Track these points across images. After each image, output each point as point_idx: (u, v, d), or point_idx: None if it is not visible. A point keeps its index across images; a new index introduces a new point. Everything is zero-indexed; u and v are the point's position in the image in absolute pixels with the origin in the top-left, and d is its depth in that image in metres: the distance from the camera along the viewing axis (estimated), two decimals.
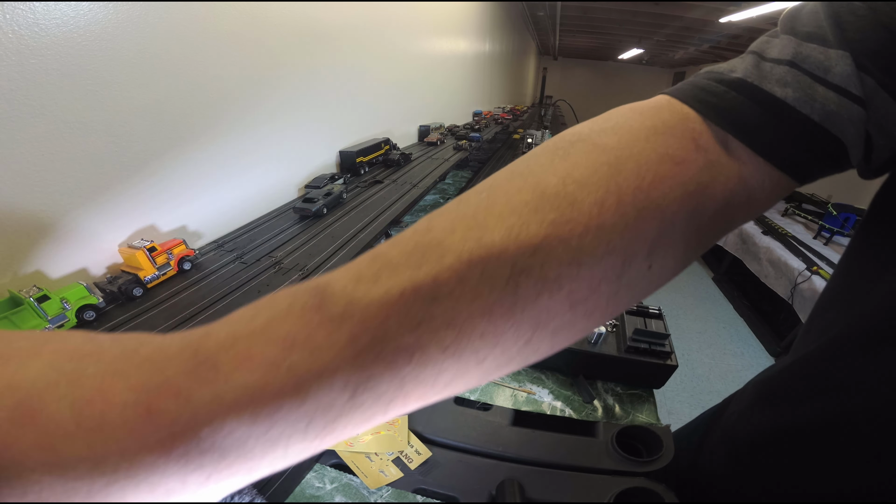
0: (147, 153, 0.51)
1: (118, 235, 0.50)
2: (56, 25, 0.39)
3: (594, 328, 0.18)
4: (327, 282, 0.14)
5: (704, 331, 2.40)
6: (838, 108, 0.17)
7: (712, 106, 0.19)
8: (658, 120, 0.18)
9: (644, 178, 0.16)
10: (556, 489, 0.44)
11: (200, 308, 0.45)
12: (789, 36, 0.19)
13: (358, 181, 0.92)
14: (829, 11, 0.18)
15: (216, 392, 0.11)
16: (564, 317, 0.15)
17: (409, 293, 0.13)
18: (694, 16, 3.38)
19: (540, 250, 0.14)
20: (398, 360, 0.13)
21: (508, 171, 0.17)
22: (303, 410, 0.12)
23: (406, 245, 0.14)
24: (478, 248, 0.14)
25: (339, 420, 0.12)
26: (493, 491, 0.44)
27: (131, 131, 0.49)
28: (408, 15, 1.23)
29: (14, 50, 0.36)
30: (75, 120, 0.43)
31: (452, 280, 0.13)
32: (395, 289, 0.13)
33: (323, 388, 0.12)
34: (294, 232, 0.65)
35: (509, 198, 0.15)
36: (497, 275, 0.14)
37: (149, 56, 0.49)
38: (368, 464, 0.47)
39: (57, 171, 0.42)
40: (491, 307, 0.13)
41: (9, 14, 0.35)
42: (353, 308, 0.13)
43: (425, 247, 0.14)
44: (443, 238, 0.14)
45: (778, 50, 0.19)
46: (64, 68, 0.41)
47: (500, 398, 0.58)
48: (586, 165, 0.16)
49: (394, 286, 0.13)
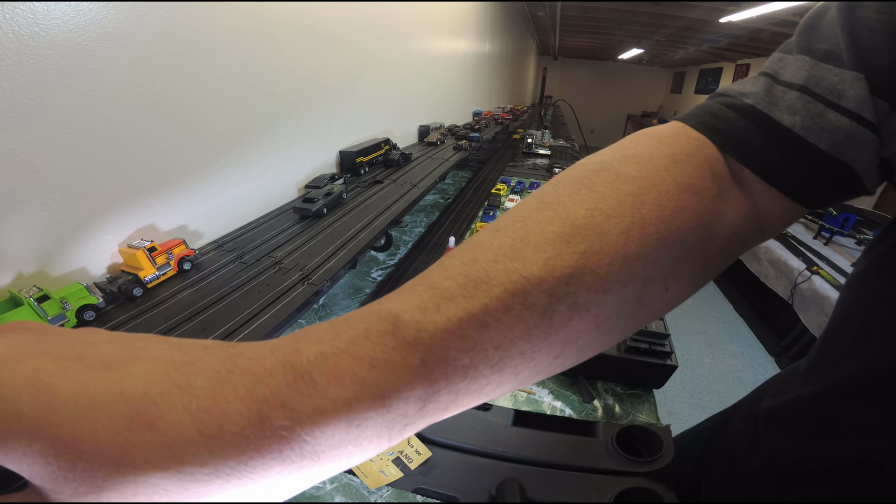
0: (147, 153, 0.51)
1: (118, 235, 0.50)
2: (56, 25, 0.39)
3: (614, 343, 0.19)
4: (396, 311, 0.15)
5: (704, 331, 2.40)
6: (847, 137, 0.17)
7: (723, 133, 0.20)
8: (676, 148, 0.20)
9: (665, 208, 0.17)
10: (556, 489, 0.44)
11: (200, 308, 0.45)
12: (804, 56, 0.19)
13: (358, 181, 0.92)
14: (846, 24, 0.18)
15: (317, 405, 0.13)
16: (590, 335, 0.17)
17: (465, 321, 0.15)
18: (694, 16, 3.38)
19: (573, 279, 0.16)
20: (456, 377, 0.15)
21: (538, 201, 0.19)
22: (385, 420, 0.14)
23: (458, 276, 0.16)
24: (520, 280, 0.16)
25: (409, 426, 0.15)
26: (493, 491, 0.44)
27: (131, 131, 0.49)
28: (408, 15, 1.23)
29: (14, 50, 0.36)
30: (75, 120, 0.43)
31: (500, 309, 0.15)
32: (454, 318, 0.15)
33: (401, 402, 0.14)
34: (294, 232, 0.65)
35: (542, 229, 0.17)
36: (537, 303, 0.16)
37: (149, 56, 0.49)
38: (368, 464, 0.47)
39: (56, 170, 0.42)
40: (531, 331, 0.16)
41: (9, 14, 0.35)
42: (422, 335, 0.15)
43: (475, 279, 0.16)
44: (488, 269, 0.16)
45: (792, 72, 0.19)
46: (64, 68, 0.41)
47: (500, 398, 0.58)
48: (611, 196, 0.18)
49: (453, 315, 0.15)
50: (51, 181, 0.42)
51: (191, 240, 0.60)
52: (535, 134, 2.36)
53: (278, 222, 0.69)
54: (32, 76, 0.38)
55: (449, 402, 0.15)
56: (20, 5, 0.36)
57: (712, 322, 2.48)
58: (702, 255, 0.18)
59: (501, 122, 2.25)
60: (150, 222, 0.54)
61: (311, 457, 0.13)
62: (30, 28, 0.37)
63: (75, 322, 0.41)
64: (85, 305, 0.42)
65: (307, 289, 0.49)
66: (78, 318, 0.41)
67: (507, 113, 2.67)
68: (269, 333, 0.42)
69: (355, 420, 0.13)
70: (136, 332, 0.15)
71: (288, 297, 0.47)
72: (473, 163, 1.87)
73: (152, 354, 0.13)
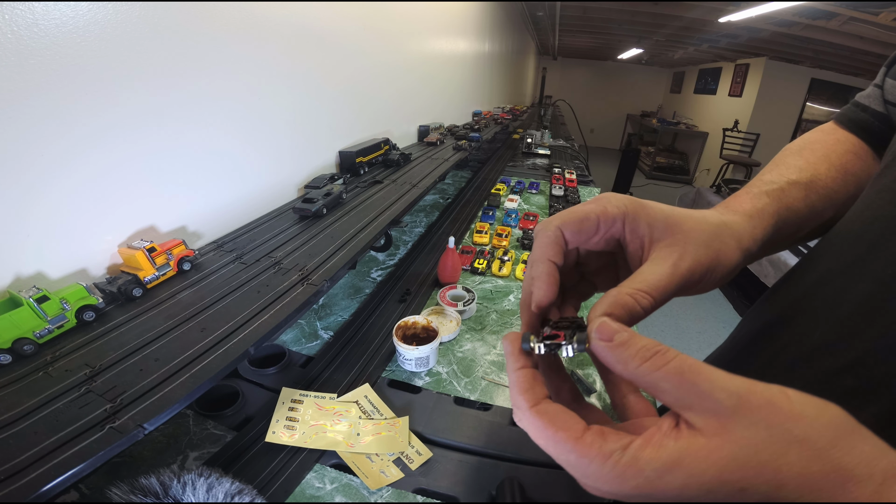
0: (146, 153, 0.51)
1: (118, 236, 0.50)
2: (56, 25, 0.39)
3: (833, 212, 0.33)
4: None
5: (704, 331, 2.40)
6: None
7: (854, 123, 0.37)
8: (837, 134, 0.37)
9: (839, 159, 0.34)
10: (557, 489, 0.44)
11: (200, 308, 0.45)
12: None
13: (357, 181, 0.92)
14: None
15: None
16: (824, 205, 0.33)
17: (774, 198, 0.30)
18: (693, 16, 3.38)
19: (811, 181, 0.32)
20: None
21: (778, 158, 0.36)
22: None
23: (759, 184, 0.32)
24: (789, 180, 0.31)
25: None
26: (493, 491, 0.44)
27: (131, 131, 0.49)
28: (407, 15, 1.23)
29: (13, 50, 0.36)
30: (74, 120, 0.43)
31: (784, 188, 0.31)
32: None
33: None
34: (294, 232, 0.65)
35: (789, 164, 0.34)
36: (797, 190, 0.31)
37: (149, 56, 0.49)
38: (369, 464, 0.47)
39: (55, 170, 0.42)
40: (802, 200, 0.31)
41: (8, 14, 0.35)
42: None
43: (769, 181, 0.31)
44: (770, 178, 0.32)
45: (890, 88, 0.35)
46: (64, 68, 0.40)
47: (500, 398, 0.58)
48: (814, 157, 0.34)
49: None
50: (50, 181, 0.42)
51: (190, 240, 0.60)
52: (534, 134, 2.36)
53: (278, 222, 0.69)
54: (32, 76, 0.38)
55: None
56: (20, 5, 0.36)
57: (712, 322, 2.48)
58: (855, 180, 0.34)
59: (501, 122, 2.25)
60: (150, 223, 0.54)
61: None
62: (29, 28, 0.37)
63: (75, 322, 0.41)
64: (85, 306, 0.42)
65: (307, 289, 0.49)
66: (78, 319, 0.41)
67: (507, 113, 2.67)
68: (269, 333, 0.42)
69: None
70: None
71: (287, 298, 0.47)
72: (473, 163, 1.87)
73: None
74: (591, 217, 0.23)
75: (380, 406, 0.54)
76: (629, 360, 0.16)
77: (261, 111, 0.69)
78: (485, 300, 0.82)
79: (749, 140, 4.93)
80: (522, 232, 1.14)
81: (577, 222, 0.23)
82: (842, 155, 0.34)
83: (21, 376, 0.36)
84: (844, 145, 0.36)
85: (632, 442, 0.16)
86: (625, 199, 0.23)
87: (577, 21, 4.36)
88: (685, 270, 0.21)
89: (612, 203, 0.23)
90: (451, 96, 1.91)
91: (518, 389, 0.19)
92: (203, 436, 0.49)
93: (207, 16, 0.56)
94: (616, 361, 0.17)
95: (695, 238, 0.22)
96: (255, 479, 0.44)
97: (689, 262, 0.21)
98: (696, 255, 0.21)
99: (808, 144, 0.36)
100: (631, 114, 8.17)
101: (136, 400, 0.33)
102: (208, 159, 0.61)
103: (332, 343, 0.67)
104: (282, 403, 0.53)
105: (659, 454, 0.15)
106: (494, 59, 2.98)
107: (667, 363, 0.16)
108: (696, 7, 3.20)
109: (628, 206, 0.23)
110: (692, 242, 0.22)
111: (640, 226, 0.22)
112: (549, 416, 0.17)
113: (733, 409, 0.14)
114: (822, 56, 3.79)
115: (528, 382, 0.19)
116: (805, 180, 0.31)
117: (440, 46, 1.61)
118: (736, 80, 5.42)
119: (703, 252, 0.21)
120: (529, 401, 0.18)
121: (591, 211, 0.23)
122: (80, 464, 0.28)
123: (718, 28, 3.60)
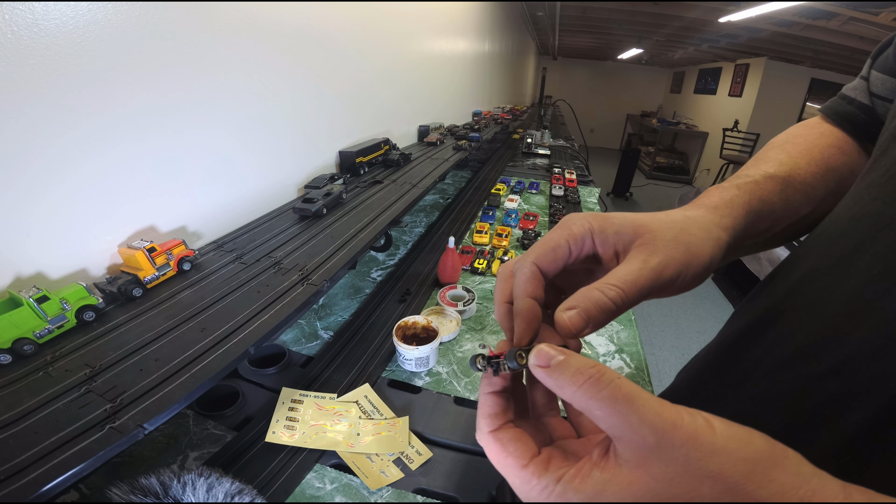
0: (146, 153, 0.51)
1: (118, 236, 0.50)
2: (56, 25, 0.39)
3: (811, 207, 0.33)
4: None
5: (704, 331, 2.40)
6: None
7: (839, 116, 0.37)
8: (822, 128, 0.37)
9: (821, 154, 0.34)
10: None
11: (200, 308, 0.45)
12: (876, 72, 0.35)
13: (357, 181, 0.92)
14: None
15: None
16: (801, 200, 0.32)
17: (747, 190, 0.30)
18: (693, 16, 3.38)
19: (789, 176, 0.31)
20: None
21: (761, 154, 0.36)
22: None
23: (734, 179, 0.32)
24: (765, 173, 0.31)
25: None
26: (493, 491, 0.44)
27: (131, 131, 0.49)
28: (407, 15, 1.23)
29: (14, 50, 0.36)
30: (74, 120, 0.43)
31: (759, 181, 0.31)
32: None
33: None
34: (294, 232, 0.65)
35: (770, 158, 0.34)
36: (774, 183, 0.31)
37: (149, 56, 0.49)
38: (369, 464, 0.47)
39: (56, 171, 0.42)
40: (776, 193, 0.30)
41: (8, 14, 0.35)
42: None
43: (745, 175, 0.32)
44: (749, 172, 0.32)
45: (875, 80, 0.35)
46: (64, 68, 0.40)
47: None
48: (796, 151, 0.35)
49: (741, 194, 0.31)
50: (50, 181, 0.42)
51: (190, 240, 0.60)
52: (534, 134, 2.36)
53: (278, 222, 0.69)
54: (32, 76, 0.38)
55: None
56: (20, 5, 0.36)
57: (712, 322, 2.48)
58: (836, 176, 0.34)
59: (501, 122, 2.25)
60: (150, 223, 0.54)
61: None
62: (29, 28, 0.37)
63: (75, 322, 0.41)
64: (85, 306, 0.42)
65: (307, 289, 0.49)
66: (77, 319, 0.41)
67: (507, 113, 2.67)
68: (269, 333, 0.42)
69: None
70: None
71: (287, 297, 0.47)
72: (473, 163, 1.87)
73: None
74: (561, 244, 0.23)
75: (380, 406, 0.54)
76: (564, 386, 0.17)
77: (261, 111, 0.69)
78: (485, 300, 0.82)
79: (749, 140, 4.93)
80: (522, 232, 1.14)
81: (551, 252, 0.23)
82: (824, 149, 0.35)
83: (21, 376, 0.36)
84: (828, 139, 0.36)
85: (567, 472, 0.17)
86: (588, 216, 0.24)
87: (577, 21, 4.36)
88: (656, 265, 0.21)
89: (576, 224, 0.24)
90: (451, 96, 1.91)
91: (481, 413, 0.20)
92: (203, 436, 0.49)
93: (207, 17, 0.56)
94: (554, 386, 0.17)
95: (662, 236, 0.23)
96: (255, 479, 0.44)
97: (660, 258, 0.22)
98: (665, 251, 0.22)
99: (791, 138, 0.37)
100: (631, 114, 8.16)
101: (136, 400, 0.33)
102: (208, 159, 0.61)
103: (332, 343, 0.67)
104: (282, 403, 0.53)
105: (585, 485, 0.16)
106: (494, 59, 2.98)
107: (600, 390, 0.16)
108: (696, 7, 3.20)
109: (592, 222, 0.24)
110: (660, 240, 0.22)
111: (609, 236, 0.23)
112: (501, 443, 0.19)
113: (656, 445, 0.15)
114: (822, 56, 3.79)
115: (491, 408, 0.20)
116: (783, 174, 0.31)
117: (440, 47, 1.61)
118: (736, 80, 5.42)
119: (672, 247, 0.22)
120: (489, 426, 0.20)
121: (560, 237, 0.24)
122: (80, 464, 0.28)
123: (718, 28, 3.60)
